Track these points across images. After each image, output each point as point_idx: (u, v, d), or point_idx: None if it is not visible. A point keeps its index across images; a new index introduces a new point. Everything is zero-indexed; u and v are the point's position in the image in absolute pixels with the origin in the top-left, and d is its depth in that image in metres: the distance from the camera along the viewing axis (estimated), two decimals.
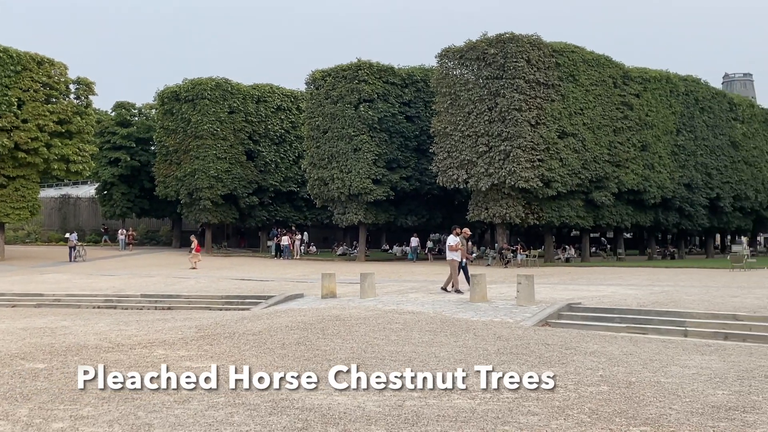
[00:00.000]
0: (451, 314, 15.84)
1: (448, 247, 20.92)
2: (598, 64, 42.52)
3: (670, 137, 46.59)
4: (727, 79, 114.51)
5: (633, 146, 43.77)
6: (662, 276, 28.03)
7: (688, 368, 9.75)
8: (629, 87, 44.18)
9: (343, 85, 44.78)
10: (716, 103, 50.88)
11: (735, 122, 52.76)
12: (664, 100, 46.33)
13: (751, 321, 13.84)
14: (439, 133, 41.11)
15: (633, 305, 16.25)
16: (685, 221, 49.23)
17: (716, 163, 50.10)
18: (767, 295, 18.12)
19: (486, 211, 40.25)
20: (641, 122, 44.41)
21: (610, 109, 42.65)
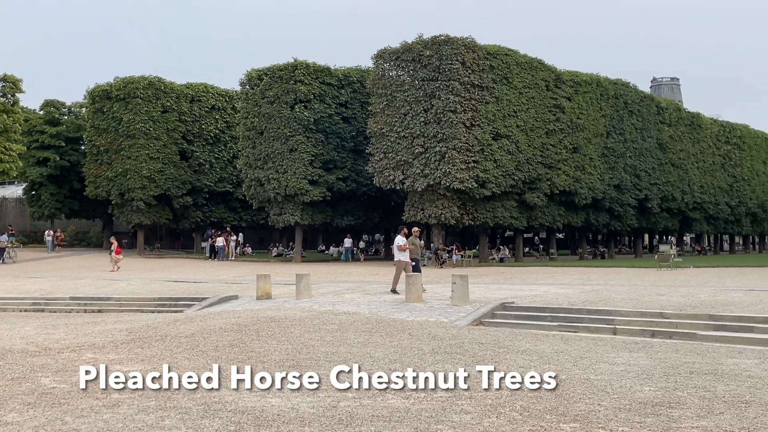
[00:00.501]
0: (387, 315, 15.89)
1: (397, 247, 20.73)
2: (531, 67, 43.22)
3: (600, 139, 47.65)
4: (655, 83, 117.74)
5: (565, 148, 44.63)
6: (593, 275, 28.63)
7: (617, 365, 9.98)
8: (561, 90, 45.03)
9: (279, 86, 44.53)
10: (644, 107, 52.24)
11: (662, 125, 54.27)
12: (594, 103, 47.37)
13: (677, 319, 14.24)
14: (375, 134, 41.23)
15: (564, 304, 16.55)
16: (615, 222, 50.42)
17: (644, 165, 51.43)
18: (693, 293, 18.67)
19: (422, 212, 40.52)
20: (572, 125, 45.31)
21: (542, 111, 43.40)
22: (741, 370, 9.67)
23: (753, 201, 65.36)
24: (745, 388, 8.42)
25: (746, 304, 15.58)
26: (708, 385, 8.62)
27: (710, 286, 21.27)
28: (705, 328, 13.55)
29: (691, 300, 16.75)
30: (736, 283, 23.02)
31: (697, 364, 10.03)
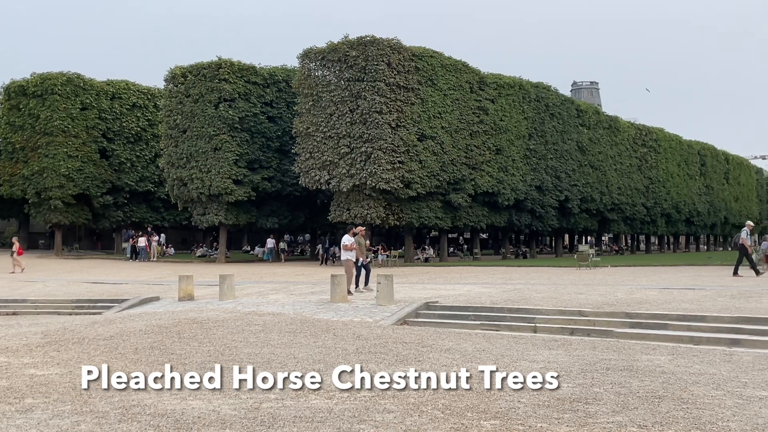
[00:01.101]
0: (312, 315, 15.85)
1: (343, 246, 20.51)
2: (456, 69, 43.71)
3: (522, 141, 48.53)
4: (575, 86, 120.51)
5: (488, 150, 45.28)
6: (515, 275, 29.15)
7: (537, 363, 10.19)
8: (485, 92, 45.68)
9: (203, 84, 43.91)
10: (565, 110, 53.43)
11: (582, 128, 55.59)
12: (517, 105, 48.21)
13: (595, 317, 14.62)
14: (301, 133, 41.05)
15: (487, 303, 16.80)
16: (537, 222, 51.42)
17: (565, 166, 52.60)
18: (610, 292, 19.20)
19: (348, 212, 40.53)
20: (496, 127, 46.01)
21: (466, 113, 43.94)
22: (655, 366, 9.98)
23: (667, 202, 67.57)
24: (658, 384, 8.70)
25: (660, 302, 16.10)
26: (623, 381, 8.88)
27: (627, 285, 21.89)
28: (621, 325, 13.94)
29: (608, 298, 17.21)
30: (651, 281, 23.77)
31: (613, 361, 10.32)
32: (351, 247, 20.26)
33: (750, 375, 9.28)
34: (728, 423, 6.78)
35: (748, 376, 9.22)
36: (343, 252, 20.43)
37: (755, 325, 12.78)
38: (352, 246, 20.29)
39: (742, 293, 17.79)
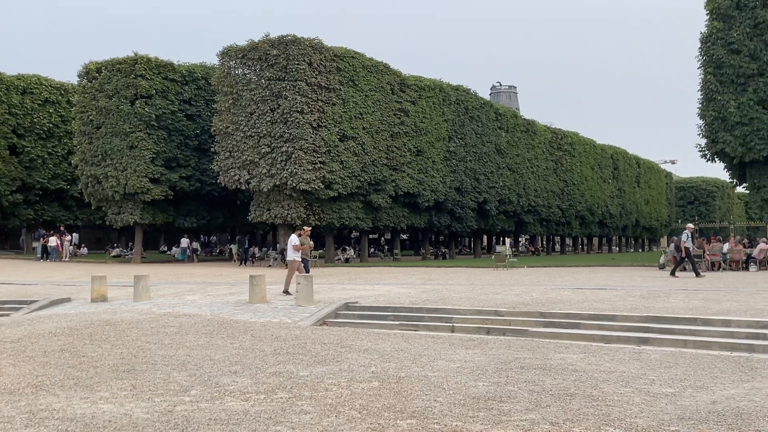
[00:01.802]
0: (230, 316, 15.65)
1: (292, 246, 20.16)
2: (377, 70, 43.86)
3: (442, 143, 49.05)
4: (494, 90, 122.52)
5: (409, 151, 45.60)
6: (434, 275, 29.43)
7: (454, 362, 10.31)
8: (406, 94, 45.98)
9: (119, 79, 42.87)
10: (484, 113, 54.27)
11: (500, 131, 56.56)
12: (437, 107, 48.70)
13: (511, 316, 14.89)
14: (220, 132, 40.52)
15: (406, 303, 16.91)
16: (456, 223, 52.05)
17: (484, 168, 53.42)
18: (526, 292, 19.58)
19: (268, 212, 40.21)
20: (416, 128, 46.37)
21: (387, 114, 44.14)
22: (567, 364, 10.22)
23: (582, 204, 69.37)
24: (570, 381, 8.91)
25: (574, 302, 16.51)
26: (537, 379, 9.06)
27: (542, 285, 22.36)
28: (536, 324, 14.23)
29: (524, 298, 17.55)
30: (566, 282, 24.34)
31: (527, 360, 10.52)
32: (299, 248, 20.06)
33: (657, 372, 9.59)
34: (636, 419, 6.99)
35: (656, 373, 9.53)
36: (290, 252, 20.16)
37: (663, 324, 13.23)
38: (299, 246, 20.08)
39: (651, 293, 18.40)
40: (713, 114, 33.48)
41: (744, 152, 32.82)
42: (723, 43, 33.42)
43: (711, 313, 13.83)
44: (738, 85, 33.11)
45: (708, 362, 10.36)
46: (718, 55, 33.40)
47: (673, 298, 16.81)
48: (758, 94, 32.53)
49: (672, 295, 17.60)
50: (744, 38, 32.95)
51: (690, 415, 7.11)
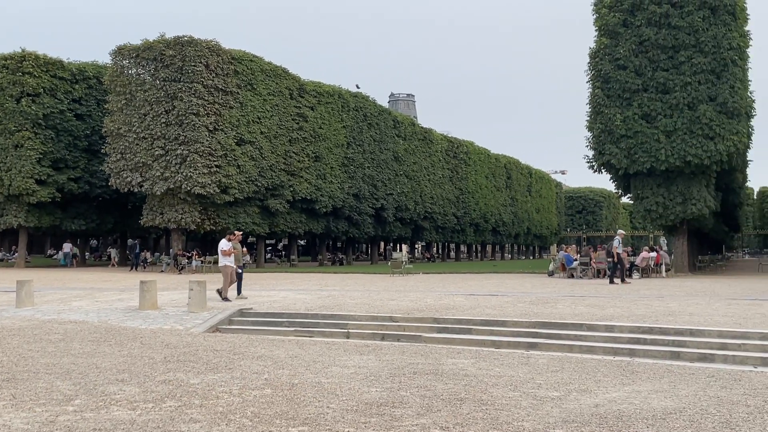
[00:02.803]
0: (118, 323, 15.19)
1: (221, 251, 19.61)
2: (276, 74, 43.58)
3: (341, 150, 49.16)
4: (392, 98, 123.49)
5: (307, 156, 45.48)
6: (330, 281, 29.41)
7: (348, 368, 10.32)
8: (305, 99, 45.86)
9: (5, 76, 41.07)
10: (382, 120, 54.72)
11: (398, 138, 57.16)
12: (336, 114, 48.78)
13: (405, 322, 15.04)
14: (112, 133, 39.37)
15: (301, 309, 16.83)
16: (353, 229, 52.23)
17: (381, 175, 53.84)
18: (420, 298, 19.82)
19: (161, 216, 39.28)
20: (315, 134, 46.32)
21: (286, 119, 43.91)
22: (459, 369, 10.40)
23: (476, 212, 70.86)
24: (461, 386, 9.07)
25: (466, 308, 16.82)
26: (429, 384, 9.18)
27: (436, 291, 22.69)
28: (430, 330, 14.43)
29: (418, 304, 17.76)
30: (459, 288, 24.78)
31: (420, 365, 10.65)
32: (229, 252, 19.52)
33: (544, 376, 9.88)
34: (522, 423, 7.18)
35: (543, 377, 9.82)
36: (221, 257, 19.63)
37: (550, 330, 13.65)
38: (230, 251, 19.55)
39: (540, 299, 18.96)
40: (600, 127, 34.82)
41: (629, 164, 34.26)
42: (610, 58, 34.82)
43: (595, 318, 14.36)
44: (624, 100, 34.55)
45: (592, 366, 10.74)
46: (606, 71, 34.78)
47: (561, 304, 17.37)
48: (642, 109, 34.04)
49: (560, 302, 18.18)
50: (630, 55, 34.43)
51: (574, 418, 7.35)
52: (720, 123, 32.79)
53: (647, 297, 19.85)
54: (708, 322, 13.62)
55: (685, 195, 34.37)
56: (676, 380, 9.60)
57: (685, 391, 8.85)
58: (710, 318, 14.24)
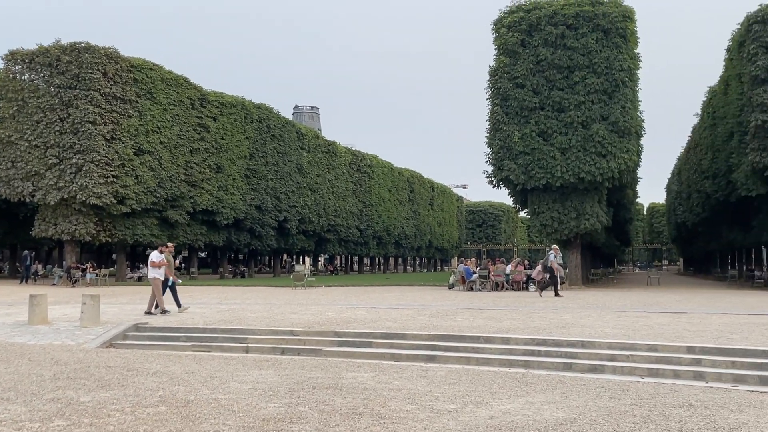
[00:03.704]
0: (5, 338, 14.55)
1: (150, 263, 18.88)
2: (177, 84, 42.81)
3: (243, 161, 48.65)
4: (297, 110, 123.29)
5: (208, 167, 44.81)
6: (231, 294, 29.00)
7: (246, 383, 10.20)
8: (207, 110, 45.21)
9: None
10: (286, 132, 54.49)
11: (302, 151, 57.02)
12: (239, 125, 48.28)
13: (306, 336, 14.98)
14: (2, 141, 37.83)
15: (200, 324, 16.52)
16: (256, 241, 51.70)
17: (285, 187, 53.55)
18: (322, 311, 19.79)
19: (54, 227, 37.90)
20: (217, 145, 45.70)
21: (187, 129, 43.16)
22: (358, 383, 10.43)
23: (379, 225, 71.32)
24: (360, 400, 9.10)
25: (367, 321, 16.89)
26: (328, 399, 9.17)
27: (338, 304, 22.69)
28: (330, 344, 14.41)
29: (319, 318, 17.72)
30: (361, 301, 24.85)
31: (320, 379, 10.63)
32: (160, 264, 18.87)
33: (442, 389, 10.02)
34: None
35: (441, 390, 9.96)
36: (151, 270, 18.95)
37: (449, 342, 13.86)
38: (161, 263, 18.91)
39: (440, 312, 19.24)
40: (499, 143, 35.70)
41: (526, 180, 35.24)
42: (509, 77, 35.79)
43: (492, 331, 14.67)
44: (522, 117, 35.55)
45: (488, 378, 10.96)
46: (505, 88, 35.72)
47: (460, 317, 17.66)
48: (539, 126, 35.11)
49: (459, 314, 18.49)
50: (528, 74, 35.49)
51: (469, 430, 7.49)
52: (612, 141, 34.15)
53: (543, 309, 20.41)
54: (599, 333, 14.11)
55: (579, 210, 35.57)
56: (568, 391, 9.90)
57: (576, 402, 9.14)
58: (601, 330, 14.76)
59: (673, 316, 18.00)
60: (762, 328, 14.96)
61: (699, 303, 23.89)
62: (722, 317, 17.73)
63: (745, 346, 12.03)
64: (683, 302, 24.55)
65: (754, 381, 10.63)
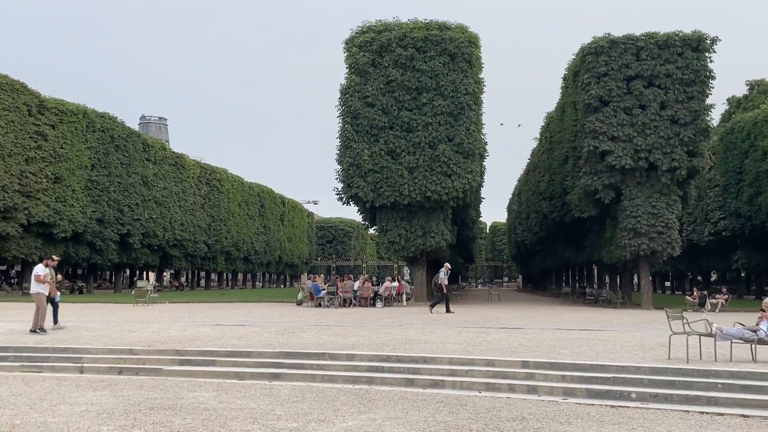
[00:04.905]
0: None
1: (34, 277, 17.37)
2: (13, 89, 40.48)
3: (84, 171, 46.56)
4: (143, 120, 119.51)
5: (45, 177, 42.57)
6: (67, 311, 27.54)
7: (78, 405, 9.74)
8: (45, 117, 42.99)
9: None
10: (131, 143, 52.64)
11: (148, 162, 55.24)
12: (80, 134, 46.19)
13: (146, 355, 14.47)
14: None
15: (30, 342, 15.61)
16: (96, 256, 49.50)
17: (128, 200, 51.65)
18: (164, 329, 19.20)
19: None
20: (56, 154, 43.51)
21: (23, 137, 40.86)
22: (199, 402, 10.20)
23: (228, 240, 70.13)
24: (199, 421, 8.90)
25: (211, 339, 16.55)
26: (166, 420, 8.91)
27: (182, 322, 22.11)
28: (171, 363, 14.00)
29: (161, 336, 17.19)
30: (206, 318, 24.33)
31: (158, 400, 10.31)
32: (44, 279, 17.53)
33: (285, 407, 9.97)
34: None
35: (284, 408, 9.91)
36: (34, 284, 17.62)
37: (294, 360, 13.80)
38: (45, 278, 17.56)
39: (287, 329, 19.15)
40: (349, 161, 36.10)
41: (375, 197, 35.80)
42: (359, 96, 36.34)
43: (338, 347, 14.75)
44: (372, 136, 36.14)
45: (332, 395, 11.02)
46: (355, 107, 36.22)
47: (306, 334, 17.65)
48: (388, 145, 35.81)
49: (306, 331, 18.48)
50: (378, 93, 36.16)
51: None
52: (457, 162, 35.33)
53: (388, 326, 20.74)
54: (441, 349, 14.50)
55: (425, 228, 36.49)
56: (409, 407, 10.12)
57: (416, 417, 9.35)
58: (443, 345, 15.18)
59: (510, 332, 18.78)
60: (590, 342, 15.89)
61: (535, 319, 25.07)
62: (555, 332, 18.68)
63: (574, 360, 12.72)
64: (520, 318, 25.68)
65: (582, 394, 11.25)
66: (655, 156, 32.76)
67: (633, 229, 32.87)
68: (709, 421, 9.45)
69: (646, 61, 33.47)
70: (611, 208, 34.50)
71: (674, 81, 33.23)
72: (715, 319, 16.28)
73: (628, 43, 33.84)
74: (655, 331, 19.14)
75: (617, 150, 32.81)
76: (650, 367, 11.97)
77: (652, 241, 32.81)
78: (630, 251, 33.12)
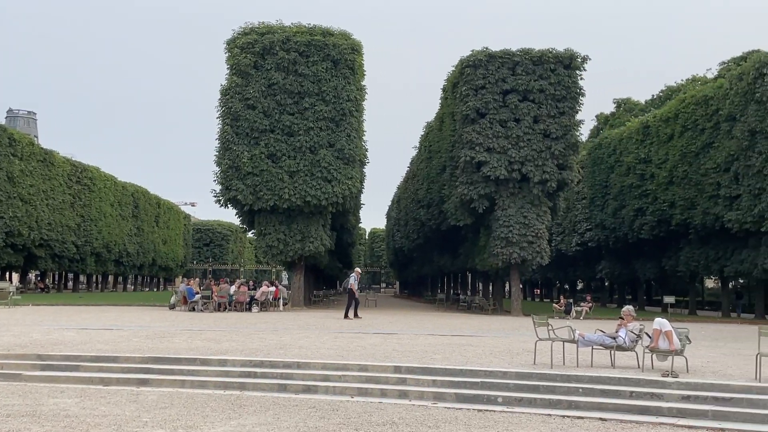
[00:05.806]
0: None
1: None
2: None
3: None
4: (11, 114, 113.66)
5: None
6: None
7: None
8: None
9: None
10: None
11: (14, 158, 52.51)
12: None
13: (4, 360, 13.67)
14: None
15: None
16: None
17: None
18: (26, 332, 18.36)
19: None
20: None
21: None
22: (61, 409, 9.82)
23: (99, 241, 67.55)
24: (60, 428, 8.58)
25: (77, 343, 15.94)
26: (23, 427, 8.54)
27: (46, 325, 21.19)
28: (32, 368, 13.40)
29: (22, 339, 16.42)
30: (72, 321, 23.40)
31: (16, 406, 9.86)
32: None
33: (152, 414, 9.73)
34: None
35: (150, 414, 9.66)
36: None
37: (163, 365, 13.47)
38: None
39: (158, 333, 18.67)
40: (228, 163, 35.55)
41: (254, 201, 35.40)
42: (240, 98, 35.86)
43: (210, 353, 14.51)
44: (252, 138, 35.73)
45: (202, 401, 10.83)
46: (236, 109, 35.72)
47: (178, 338, 17.27)
48: (269, 148, 35.50)
49: (177, 336, 18.08)
50: (259, 96, 35.81)
51: None
52: (337, 167, 35.44)
53: (263, 330, 20.58)
54: (315, 354, 14.51)
55: (304, 233, 36.37)
56: (281, 412, 10.08)
57: (287, 423, 9.33)
58: (317, 350, 15.19)
59: (385, 337, 19.00)
60: (461, 348, 16.29)
61: (410, 324, 25.46)
62: (429, 338, 19.05)
63: (445, 365, 13.01)
64: (395, 323, 26.04)
65: (451, 398, 11.52)
66: (528, 168, 33.94)
67: (505, 238, 33.90)
68: (570, 424, 9.88)
69: (521, 76, 34.65)
70: (485, 217, 35.47)
71: (547, 96, 34.56)
72: (580, 326, 17.06)
73: (505, 58, 34.94)
74: (523, 336, 19.83)
75: (492, 161, 33.79)
76: (516, 372, 12.40)
77: (522, 250, 33.93)
78: (502, 259, 34.14)
